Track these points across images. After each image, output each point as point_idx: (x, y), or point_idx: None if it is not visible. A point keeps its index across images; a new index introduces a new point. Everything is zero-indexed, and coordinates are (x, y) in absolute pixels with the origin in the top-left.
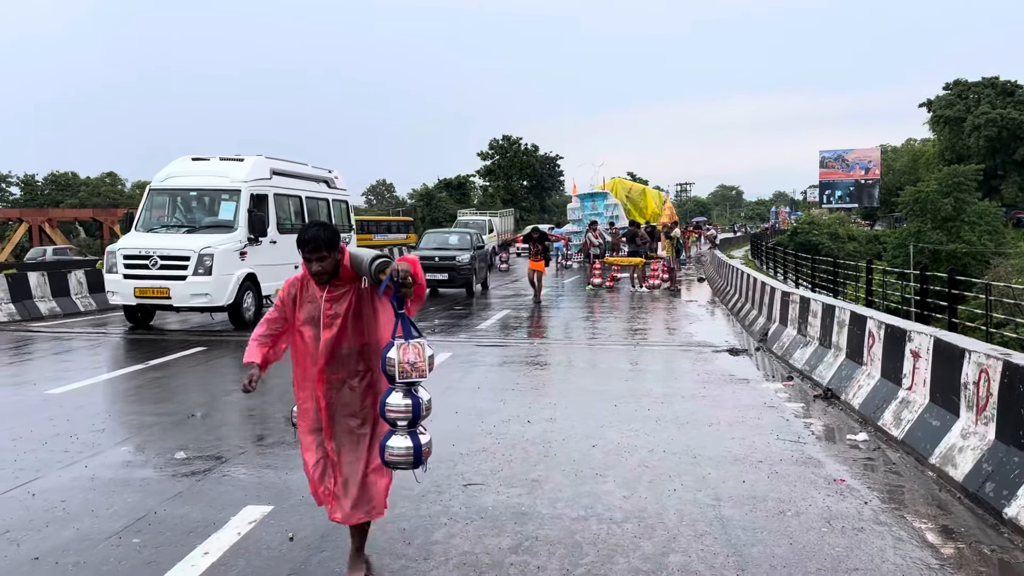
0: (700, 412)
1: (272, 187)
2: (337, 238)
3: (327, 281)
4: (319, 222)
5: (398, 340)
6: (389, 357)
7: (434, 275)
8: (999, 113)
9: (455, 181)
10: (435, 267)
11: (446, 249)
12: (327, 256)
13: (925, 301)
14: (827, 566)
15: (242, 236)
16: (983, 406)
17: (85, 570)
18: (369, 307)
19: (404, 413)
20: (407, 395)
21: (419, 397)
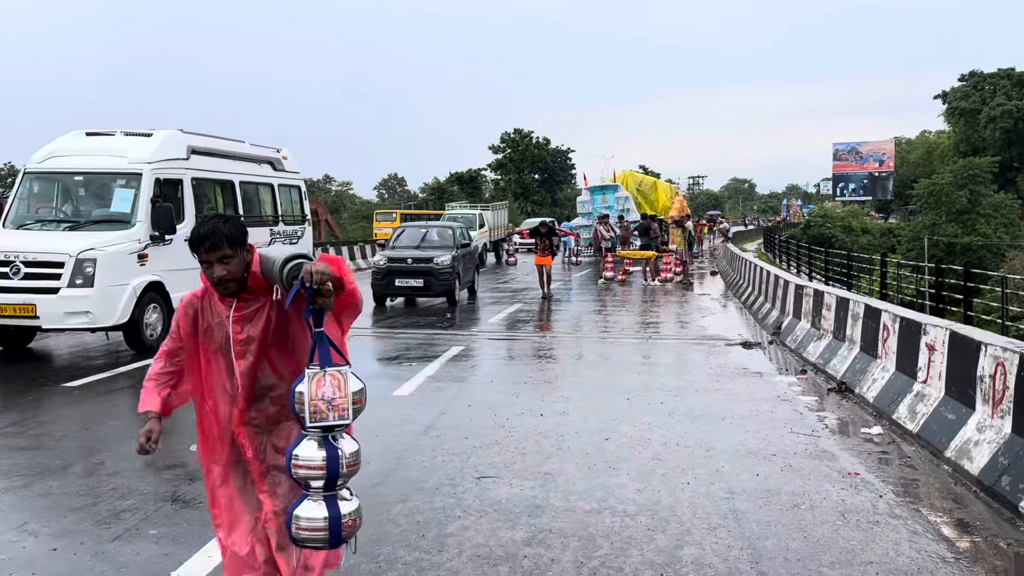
0: (713, 405)
1: (190, 169)
2: (244, 232)
3: (235, 292)
4: (220, 214)
5: (311, 369)
6: (298, 392)
7: (406, 280)
8: (1015, 104)
9: (467, 175)
10: (408, 271)
11: (422, 248)
12: (231, 256)
13: (940, 294)
14: (842, 559)
15: (142, 233)
16: (999, 400)
17: (103, 562)
18: (297, 324)
19: (317, 470)
20: (323, 445)
21: (339, 448)
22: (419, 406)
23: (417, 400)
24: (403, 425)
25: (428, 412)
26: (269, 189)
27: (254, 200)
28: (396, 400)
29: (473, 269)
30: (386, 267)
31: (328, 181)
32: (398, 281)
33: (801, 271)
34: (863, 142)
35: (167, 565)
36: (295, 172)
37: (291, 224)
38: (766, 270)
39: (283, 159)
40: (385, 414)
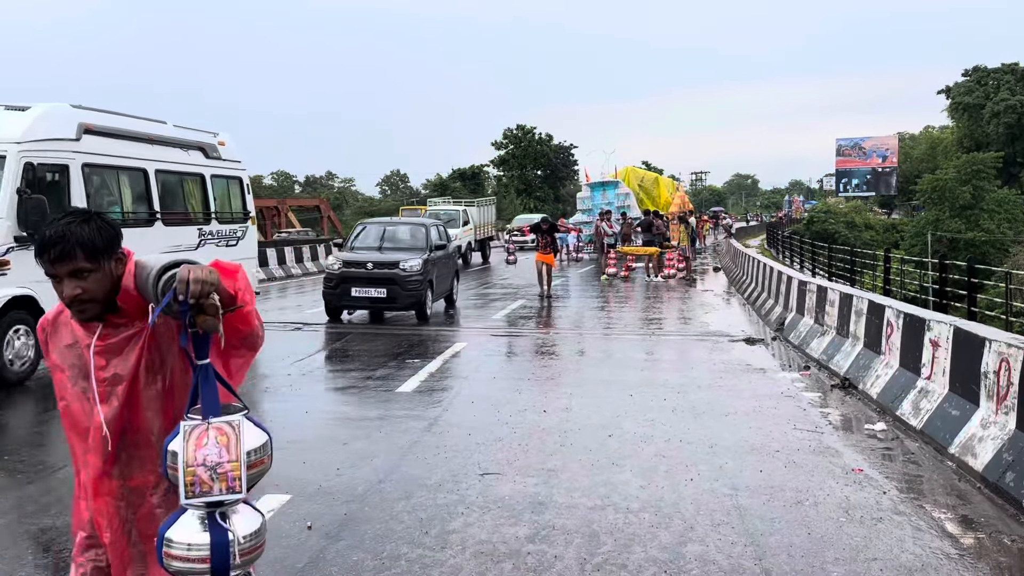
0: (716, 402)
1: (80, 153)
2: (112, 238)
3: (97, 316)
4: (79, 210)
5: (189, 421)
6: (171, 452)
7: (365, 290)
8: (1019, 100)
9: (469, 171)
10: (367, 278)
11: (386, 250)
12: (90, 270)
13: (944, 290)
14: (845, 556)
15: (1, 233)
16: (1004, 396)
17: None
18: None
19: (198, 563)
20: (207, 526)
21: (229, 530)
22: (422, 403)
23: (420, 397)
24: (406, 422)
25: (431, 409)
26: (199, 180)
27: (177, 193)
28: (399, 397)
29: (451, 276)
30: (340, 272)
31: (331, 178)
32: (355, 290)
33: (804, 267)
34: (866, 137)
35: None
36: (236, 161)
37: (228, 223)
38: (769, 266)
39: (219, 145)
40: (388, 411)
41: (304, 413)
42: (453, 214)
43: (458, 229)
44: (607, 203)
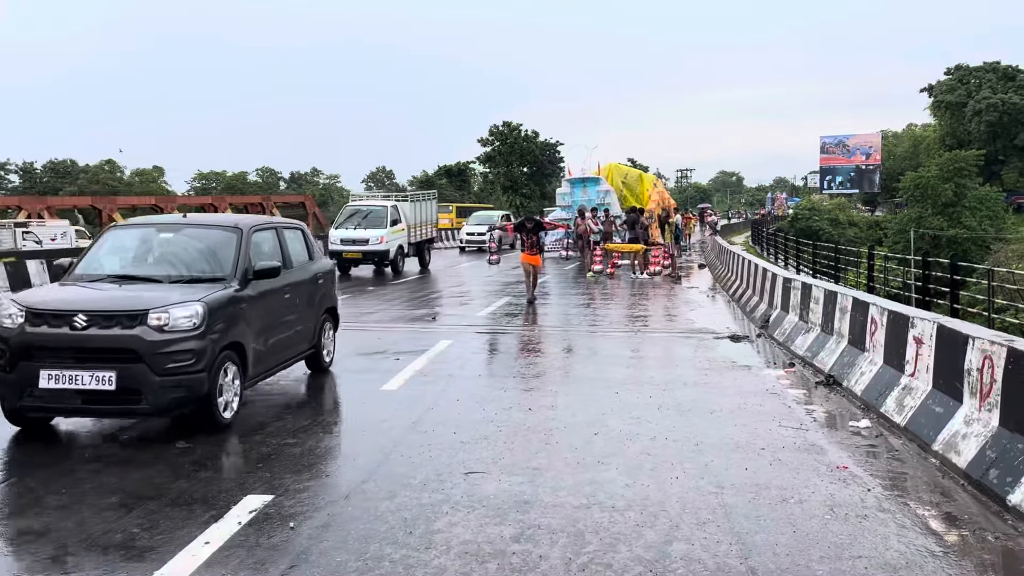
0: (702, 399)
1: None
2: None
3: None
4: None
5: None
6: None
7: (64, 375)
8: (1000, 98)
9: (455, 168)
10: (74, 350)
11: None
12: None
13: (927, 287)
14: (831, 554)
15: None
16: (987, 392)
17: (85, 560)
18: None
19: None
20: None
21: None
22: (407, 401)
23: (405, 395)
24: (391, 420)
25: (416, 407)
26: None
27: None
28: (384, 395)
29: (311, 323)
30: (17, 334)
31: (316, 174)
32: (45, 377)
33: (789, 264)
34: (850, 135)
35: (150, 564)
36: None
37: None
38: (754, 263)
39: None
40: (373, 409)
41: (288, 412)
42: (378, 212)
43: (384, 230)
44: (587, 200)
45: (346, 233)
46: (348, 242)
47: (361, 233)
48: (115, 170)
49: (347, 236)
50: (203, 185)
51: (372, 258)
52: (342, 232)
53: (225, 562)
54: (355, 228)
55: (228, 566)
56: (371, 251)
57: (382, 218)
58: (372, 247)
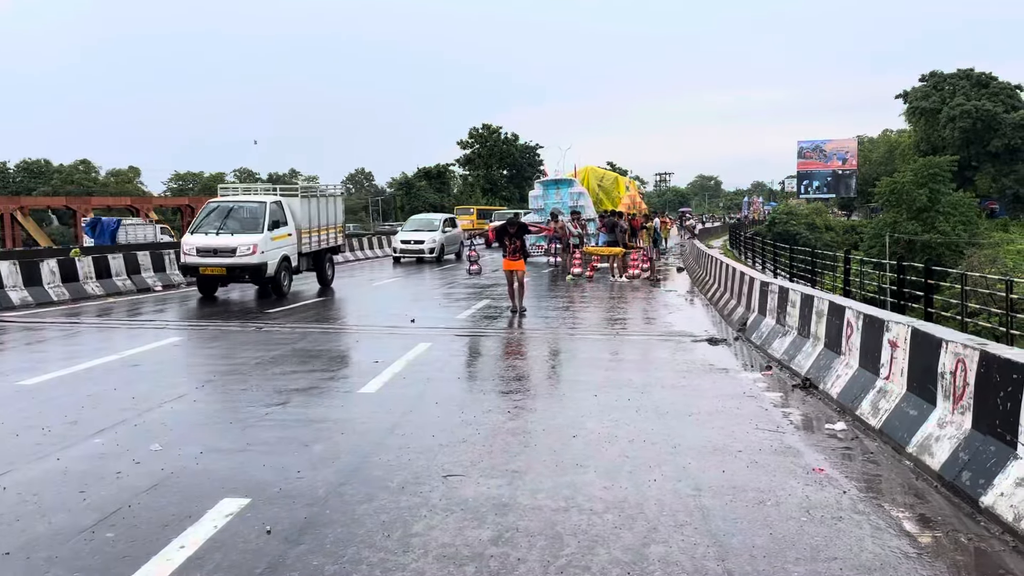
0: (680, 402)
1: None
2: None
3: None
4: None
5: None
6: None
7: None
8: (974, 105)
9: (435, 170)
10: None
11: None
12: None
13: (902, 291)
14: (806, 555)
15: None
16: (960, 396)
17: (57, 565)
18: None
19: None
20: None
21: None
22: (386, 404)
23: (384, 397)
24: (369, 423)
25: (394, 410)
26: None
27: None
28: (362, 397)
29: None
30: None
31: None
32: None
33: (766, 268)
34: (827, 140)
35: (124, 568)
36: None
37: None
38: (731, 267)
39: None
40: (351, 412)
41: (264, 414)
42: (252, 210)
43: (258, 236)
44: (560, 202)
45: (205, 240)
46: (208, 252)
47: (226, 240)
48: (90, 170)
49: (206, 244)
50: (180, 186)
51: (242, 274)
52: (199, 238)
53: (200, 566)
54: (218, 233)
55: (203, 570)
56: (240, 265)
57: (257, 219)
58: (241, 259)
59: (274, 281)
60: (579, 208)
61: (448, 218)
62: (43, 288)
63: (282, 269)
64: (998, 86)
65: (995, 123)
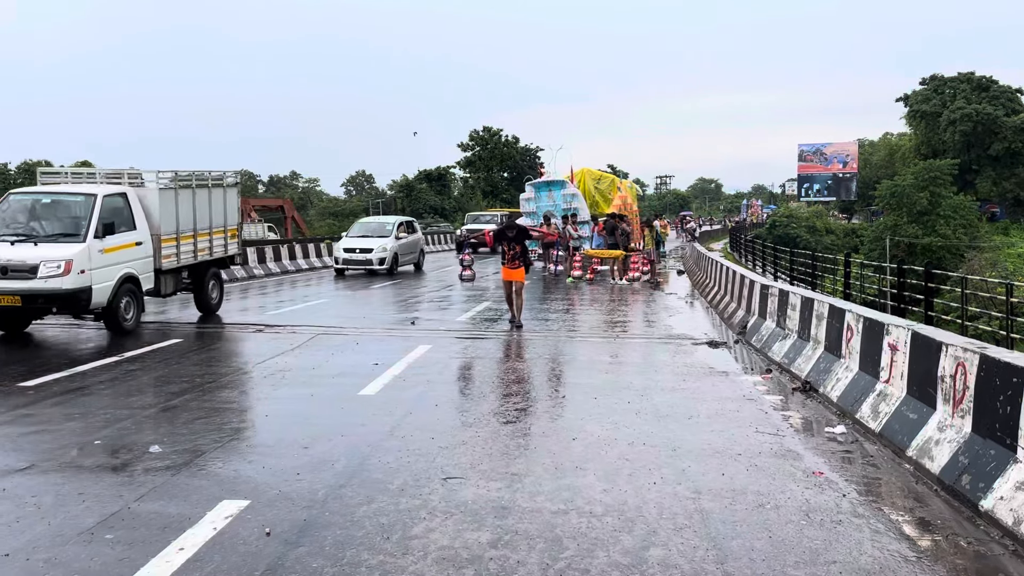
0: (680, 405)
1: None
2: None
3: None
4: None
5: None
6: None
7: None
8: (974, 108)
9: (435, 172)
10: None
11: None
12: None
13: (902, 294)
14: (806, 559)
15: None
16: (960, 399)
17: (57, 567)
18: None
19: None
20: None
21: None
22: (385, 406)
23: (383, 400)
24: (369, 425)
25: (394, 412)
26: None
27: None
28: (362, 400)
29: None
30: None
31: (295, 178)
32: None
33: (767, 271)
34: (827, 143)
35: (123, 571)
36: None
37: None
38: (732, 269)
39: None
40: (351, 414)
41: (264, 416)
42: (70, 207)
43: (77, 247)
44: (553, 205)
45: None
46: None
47: (23, 253)
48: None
49: None
50: None
51: (48, 303)
52: None
53: (200, 568)
54: (14, 243)
55: (203, 572)
56: (39, 292)
57: (78, 221)
58: (42, 283)
59: (108, 312)
60: (573, 210)
61: (405, 222)
62: None
63: (122, 294)
64: (999, 90)
65: (996, 127)
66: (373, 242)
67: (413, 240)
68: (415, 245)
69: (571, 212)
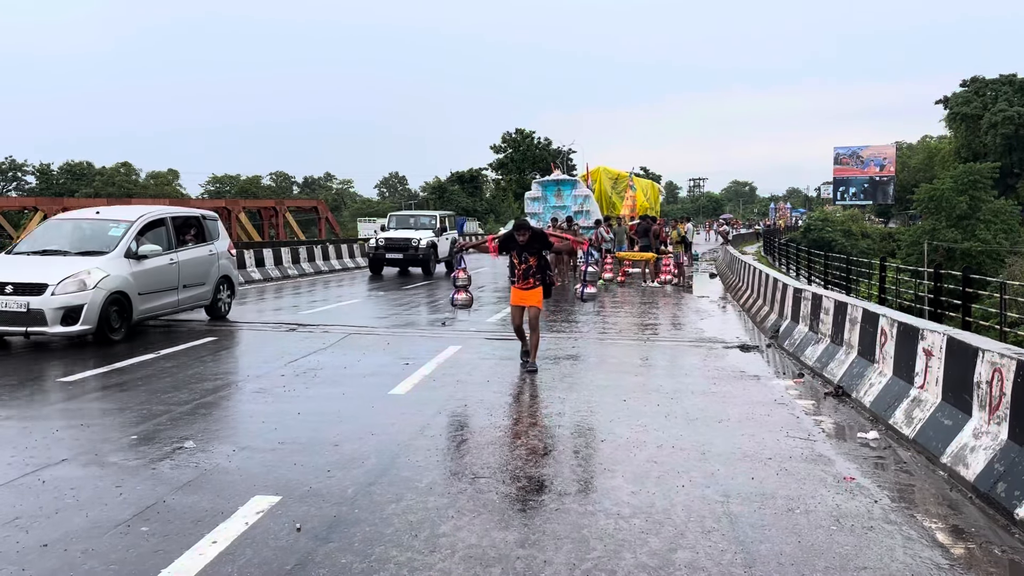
0: (710, 408)
1: None
2: None
3: None
4: None
5: None
6: None
7: None
8: (1016, 111)
9: (468, 174)
10: None
11: None
12: None
13: (939, 299)
14: (835, 564)
15: None
16: (996, 406)
17: (93, 558)
18: None
19: None
20: None
21: None
22: (415, 405)
23: (413, 399)
24: (399, 424)
25: (424, 411)
26: None
27: None
28: (392, 399)
29: None
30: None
31: (329, 179)
32: None
33: (800, 275)
34: (864, 146)
35: (158, 562)
36: None
37: None
38: (764, 273)
39: None
40: (381, 413)
41: (297, 414)
42: None
43: None
44: (562, 206)
45: None
46: None
47: None
48: (130, 172)
49: None
50: (217, 188)
51: None
52: None
53: (232, 561)
54: None
55: (235, 565)
56: None
57: None
58: None
59: None
60: (583, 213)
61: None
62: None
63: None
64: None
65: None
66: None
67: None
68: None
69: (571, 214)
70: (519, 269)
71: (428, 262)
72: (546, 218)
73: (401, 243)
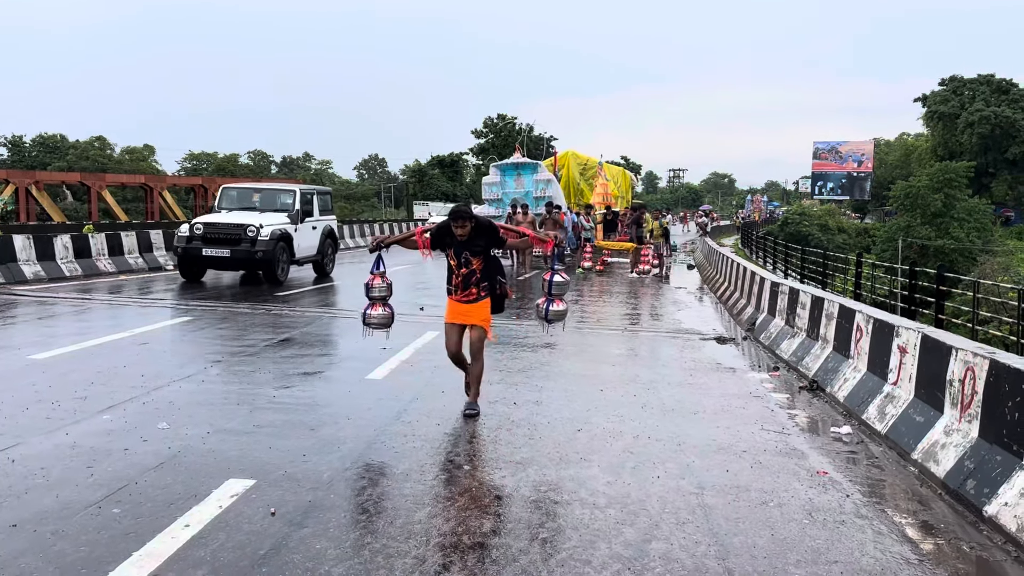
0: (686, 400)
1: None
2: None
3: None
4: None
5: None
6: None
7: None
8: (993, 111)
9: (448, 159)
10: None
11: None
12: None
13: (913, 296)
14: (807, 558)
15: None
16: (968, 404)
17: (64, 539)
18: None
19: None
20: None
21: None
22: (392, 391)
23: (390, 384)
24: (375, 409)
25: (401, 397)
26: None
27: None
28: (369, 384)
29: None
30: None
31: (308, 159)
32: None
33: (777, 268)
34: (843, 141)
35: (129, 545)
36: None
37: None
38: (743, 266)
39: None
40: (357, 398)
41: (272, 397)
42: None
43: None
44: (522, 192)
45: None
46: None
47: None
48: (105, 147)
49: None
50: (193, 165)
51: None
52: None
53: (204, 545)
54: None
55: (207, 549)
56: None
57: None
58: None
59: None
60: (546, 198)
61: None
62: (56, 263)
63: None
64: (1018, 92)
65: (1014, 130)
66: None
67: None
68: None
69: (547, 202)
70: (457, 275)
71: (272, 263)
72: (505, 205)
73: (229, 232)
